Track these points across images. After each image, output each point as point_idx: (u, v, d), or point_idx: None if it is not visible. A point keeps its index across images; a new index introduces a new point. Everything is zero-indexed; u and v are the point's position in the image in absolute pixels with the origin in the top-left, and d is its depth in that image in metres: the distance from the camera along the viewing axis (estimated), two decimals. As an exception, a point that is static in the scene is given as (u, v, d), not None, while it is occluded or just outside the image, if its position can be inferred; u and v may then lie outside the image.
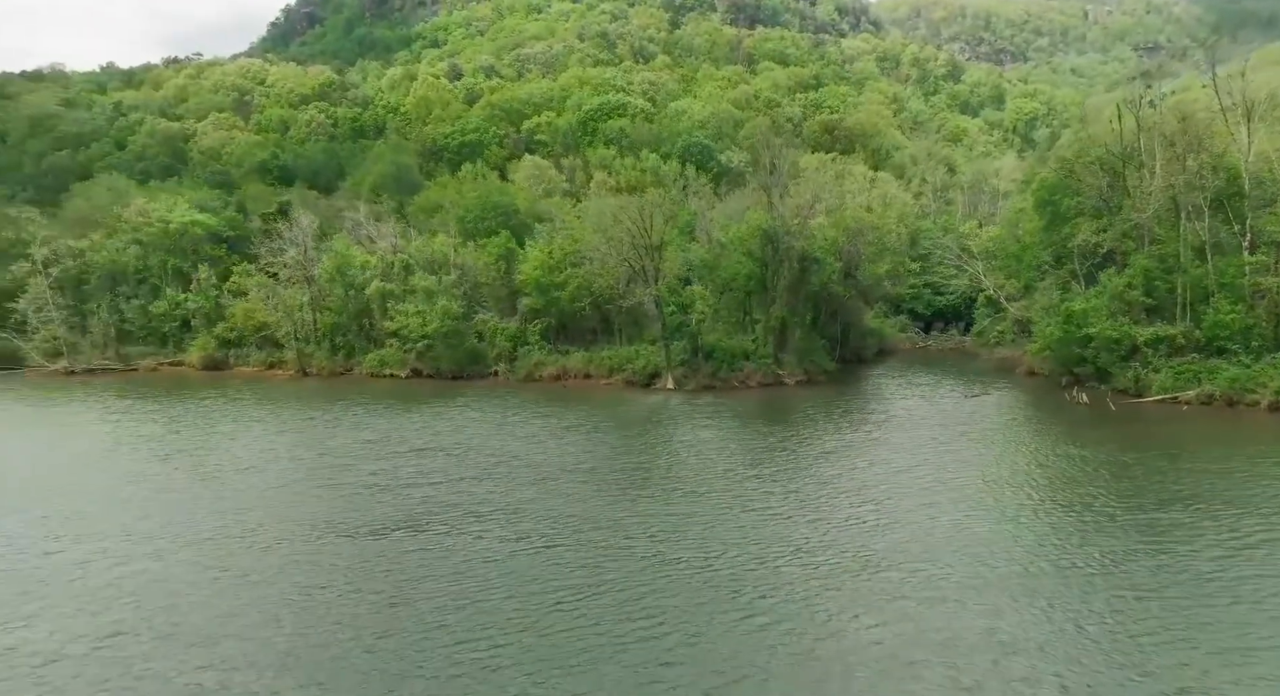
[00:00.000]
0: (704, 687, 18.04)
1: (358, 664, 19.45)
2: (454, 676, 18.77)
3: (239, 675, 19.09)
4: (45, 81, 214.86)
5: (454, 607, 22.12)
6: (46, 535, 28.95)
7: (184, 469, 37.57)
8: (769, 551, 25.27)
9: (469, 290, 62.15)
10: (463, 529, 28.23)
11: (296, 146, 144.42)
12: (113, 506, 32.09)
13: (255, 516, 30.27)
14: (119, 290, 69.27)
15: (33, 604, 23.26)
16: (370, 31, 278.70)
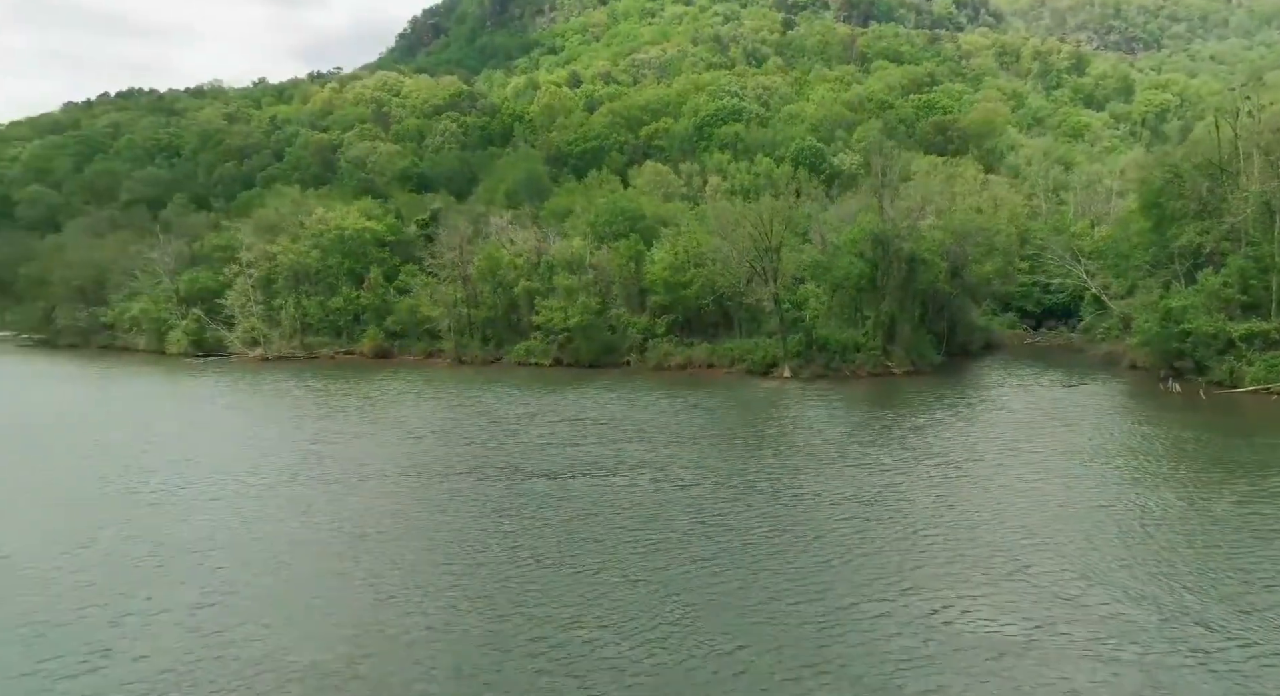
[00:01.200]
0: (820, 557, 25.10)
1: (565, 558, 27.42)
2: (655, 563, 26.46)
3: (467, 556, 27.39)
4: (207, 98, 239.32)
5: (628, 524, 29.92)
6: (324, 474, 38.53)
7: (393, 429, 47.15)
8: (864, 492, 32.05)
9: (603, 288, 70.50)
10: (620, 474, 36.15)
11: (432, 155, 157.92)
12: (353, 451, 41.62)
13: (460, 464, 39.10)
14: (302, 288, 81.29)
15: (320, 513, 32.49)
16: (491, 40, 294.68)
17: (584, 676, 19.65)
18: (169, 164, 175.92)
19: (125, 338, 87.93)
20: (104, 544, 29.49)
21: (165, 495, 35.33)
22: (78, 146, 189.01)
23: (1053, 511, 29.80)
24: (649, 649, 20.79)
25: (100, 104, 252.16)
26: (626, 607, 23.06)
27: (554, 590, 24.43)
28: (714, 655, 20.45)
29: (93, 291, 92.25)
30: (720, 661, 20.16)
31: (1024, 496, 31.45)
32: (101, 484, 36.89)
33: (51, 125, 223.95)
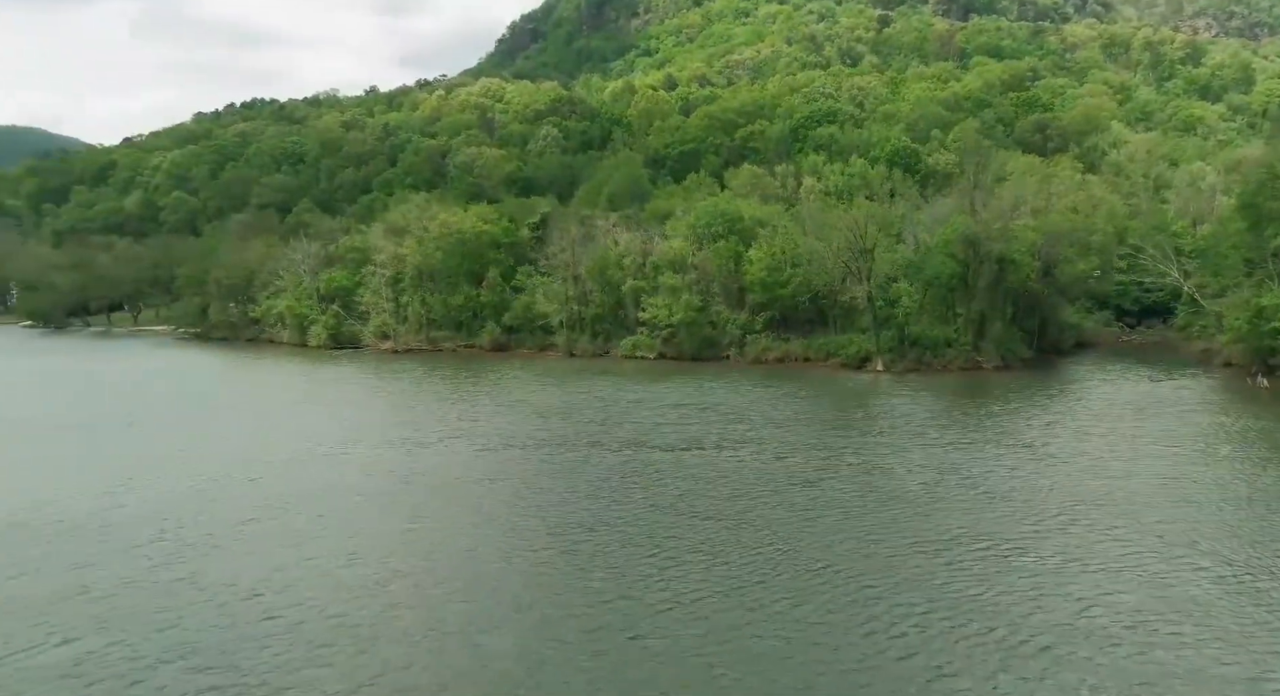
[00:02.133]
0: (894, 511, 30.03)
1: (681, 504, 33.07)
2: (754, 510, 31.92)
3: (604, 503, 33.29)
4: (324, 106, 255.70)
5: (733, 483, 35.42)
6: (473, 443, 45.43)
7: (522, 410, 53.89)
8: (937, 463, 36.67)
9: (705, 286, 76.04)
10: (724, 449, 41.70)
11: (536, 159, 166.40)
12: (491, 426, 48.46)
13: (585, 439, 45.34)
14: (427, 286, 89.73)
15: (479, 468, 39.17)
16: (587, 43, 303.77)
17: (703, 586, 25.17)
18: (294, 170, 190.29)
19: (271, 331, 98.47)
20: (343, 487, 36.69)
21: (360, 454, 42.69)
22: (212, 155, 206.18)
23: (1107, 480, 33.84)
24: (754, 565, 26.19)
25: (228, 114, 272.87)
26: (737, 542, 28.53)
27: (678, 528, 30.09)
28: (803, 573, 25.70)
29: (241, 289, 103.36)
30: (806, 579, 25.34)
31: (1084, 470, 35.51)
32: (312, 447, 44.54)
33: (187, 135, 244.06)
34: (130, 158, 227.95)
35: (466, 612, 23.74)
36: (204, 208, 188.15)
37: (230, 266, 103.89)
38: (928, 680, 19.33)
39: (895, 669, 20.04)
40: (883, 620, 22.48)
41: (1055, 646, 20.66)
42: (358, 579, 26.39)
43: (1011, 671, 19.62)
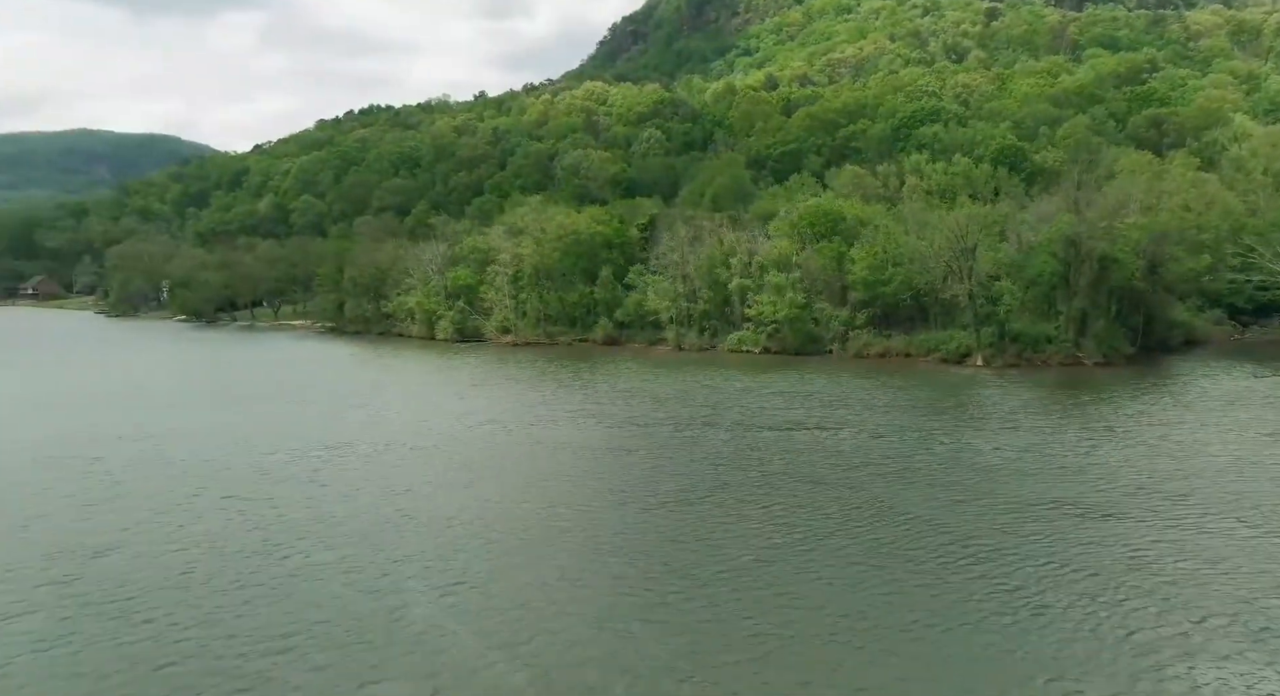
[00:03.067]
0: (979, 480, 34.27)
1: (789, 470, 38.05)
2: (854, 478, 36.76)
3: (722, 469, 38.59)
4: (435, 111, 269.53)
5: (834, 457, 40.21)
6: (599, 420, 51.53)
7: (638, 396, 59.82)
8: (1023, 445, 40.45)
9: (809, 284, 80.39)
10: (825, 430, 46.38)
11: (640, 160, 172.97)
12: (614, 407, 54.43)
13: (699, 419, 50.79)
14: (544, 283, 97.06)
15: (607, 441, 45.09)
16: (687, 44, 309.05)
17: (810, 530, 30.13)
18: (411, 174, 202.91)
19: (401, 326, 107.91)
20: (510, 451, 43.36)
21: (512, 427, 49.42)
22: (336, 161, 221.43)
23: (1180, 462, 37.12)
24: (854, 518, 30.98)
25: (347, 120, 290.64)
26: (838, 500, 33.37)
27: (785, 489, 35.09)
28: (898, 524, 30.34)
29: (373, 287, 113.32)
30: (901, 529, 29.92)
31: (1161, 451, 38.68)
32: (462, 422, 51.59)
33: (311, 142, 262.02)
34: (261, 164, 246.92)
35: (621, 542, 29.46)
36: (329, 210, 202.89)
37: (363, 266, 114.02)
38: (1029, 606, 23.84)
39: (970, 586, 24.59)
40: (959, 554, 26.99)
41: (1139, 579, 24.82)
42: (530, 512, 32.48)
43: (1102, 601, 23.81)
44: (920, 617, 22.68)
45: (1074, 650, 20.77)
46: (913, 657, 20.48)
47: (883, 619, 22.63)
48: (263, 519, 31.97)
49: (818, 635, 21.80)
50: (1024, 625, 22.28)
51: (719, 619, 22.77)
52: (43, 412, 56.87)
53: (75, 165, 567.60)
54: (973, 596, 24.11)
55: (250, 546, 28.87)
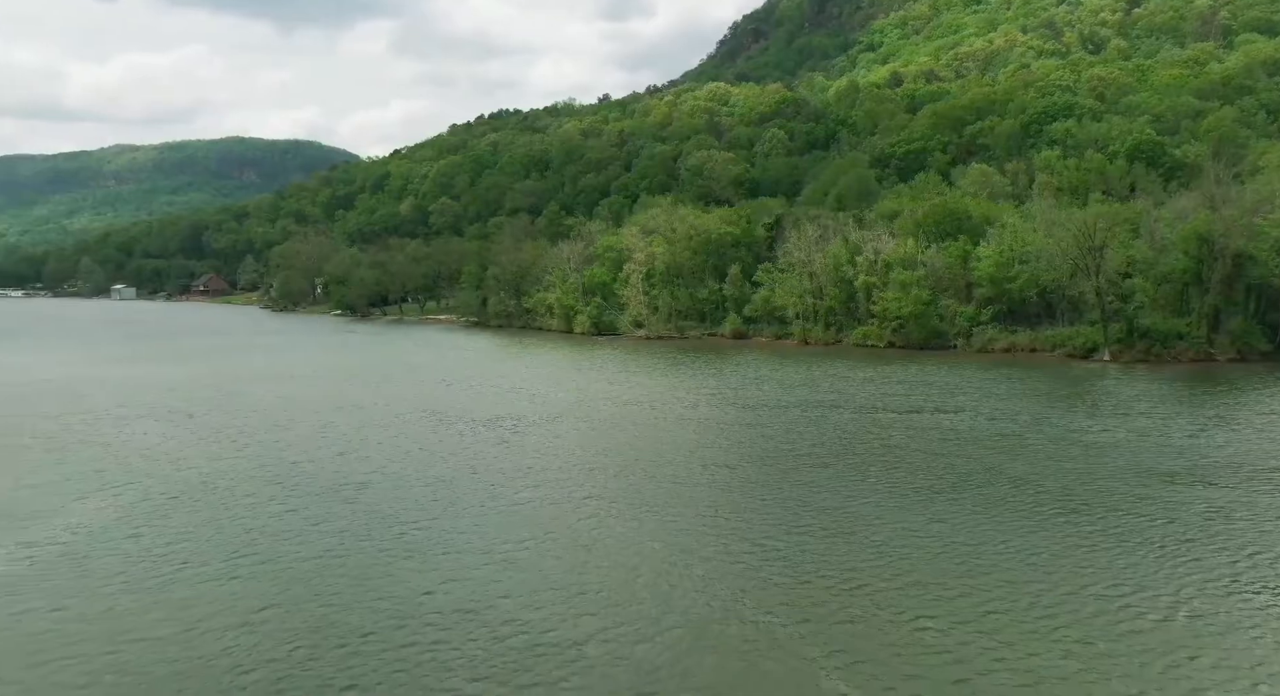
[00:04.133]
0: (1089, 455, 38.31)
1: (912, 443, 42.93)
2: (969, 451, 41.36)
3: (848, 442, 43.84)
4: (562, 115, 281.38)
5: (951, 435, 44.80)
6: (735, 403, 57.60)
7: (769, 383, 65.49)
8: (1136, 429, 43.85)
9: (933, 282, 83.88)
10: (944, 413, 50.70)
11: (763, 161, 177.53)
12: (746, 392, 60.35)
13: (826, 401, 56.02)
14: (676, 281, 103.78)
15: (742, 418, 51.02)
16: (809, 41, 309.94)
17: (926, 486, 35.11)
18: (541, 176, 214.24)
19: (540, 320, 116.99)
20: (663, 424, 50.17)
21: (655, 405, 56.16)
22: (471, 164, 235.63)
23: None
24: (970, 479, 35.70)
25: (478, 125, 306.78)
26: (954, 470, 38.08)
27: (904, 457, 40.02)
28: (1013, 486, 34.93)
29: (514, 283, 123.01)
30: (1010, 490, 34.48)
31: (1269, 437, 41.33)
32: (613, 402, 58.76)
33: (445, 146, 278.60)
34: (401, 168, 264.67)
35: (767, 489, 35.33)
36: (465, 211, 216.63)
37: (505, 264, 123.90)
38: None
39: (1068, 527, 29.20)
40: (1053, 506, 31.52)
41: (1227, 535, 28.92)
42: (689, 468, 38.80)
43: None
44: (1018, 544, 27.67)
45: (1138, 569, 25.34)
46: (1012, 574, 25.49)
47: (988, 548, 27.68)
48: (475, 468, 39.61)
49: (931, 556, 27.11)
50: (1097, 550, 26.98)
51: (850, 541, 28.38)
52: (328, 385, 67.60)
53: (228, 170, 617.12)
54: (1060, 531, 29.03)
55: (477, 486, 36.40)
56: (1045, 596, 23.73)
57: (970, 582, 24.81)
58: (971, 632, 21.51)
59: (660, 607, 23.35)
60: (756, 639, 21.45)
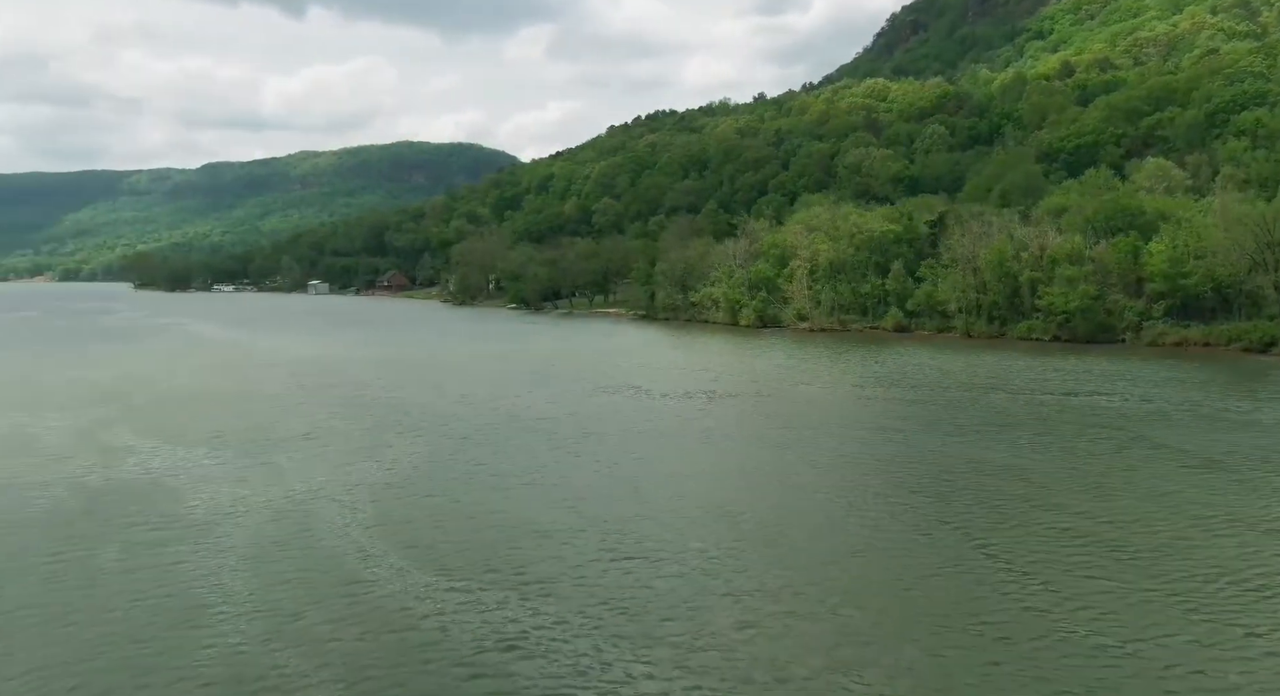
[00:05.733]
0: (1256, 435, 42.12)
1: (1061, 416, 47.69)
2: (1128, 429, 45.87)
3: (1004, 419, 48.98)
4: (717, 114, 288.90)
5: (1107, 414, 49.14)
6: (895, 383, 63.51)
7: (930, 370, 70.64)
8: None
9: (1101, 277, 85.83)
10: (1101, 396, 54.63)
11: (922, 157, 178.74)
12: (906, 376, 65.92)
13: (986, 384, 60.81)
14: (839, 276, 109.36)
15: (900, 401, 56.91)
16: (972, 31, 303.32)
17: (1082, 450, 40.18)
18: (699, 175, 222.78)
19: (707, 313, 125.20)
20: (828, 403, 57.16)
21: (827, 386, 62.97)
22: (631, 165, 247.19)
23: None
24: (1125, 451, 40.49)
25: (635, 126, 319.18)
26: (1108, 440, 42.76)
27: (1062, 428, 44.93)
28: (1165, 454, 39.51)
29: (680, 278, 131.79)
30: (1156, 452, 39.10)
31: None
32: (787, 380, 66.01)
33: (604, 147, 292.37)
34: (564, 169, 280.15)
35: (937, 447, 41.55)
36: (626, 210, 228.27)
37: (672, 260, 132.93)
38: None
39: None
40: (1197, 466, 36.13)
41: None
42: (865, 432, 45.52)
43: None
44: (1162, 488, 32.89)
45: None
46: (1159, 509, 30.95)
47: (1136, 492, 33.08)
48: (672, 429, 47.95)
49: (1081, 497, 32.86)
50: (1221, 491, 31.78)
51: (1025, 493, 34.41)
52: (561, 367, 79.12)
53: (399, 173, 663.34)
54: (1199, 481, 34.03)
55: (685, 444, 44.69)
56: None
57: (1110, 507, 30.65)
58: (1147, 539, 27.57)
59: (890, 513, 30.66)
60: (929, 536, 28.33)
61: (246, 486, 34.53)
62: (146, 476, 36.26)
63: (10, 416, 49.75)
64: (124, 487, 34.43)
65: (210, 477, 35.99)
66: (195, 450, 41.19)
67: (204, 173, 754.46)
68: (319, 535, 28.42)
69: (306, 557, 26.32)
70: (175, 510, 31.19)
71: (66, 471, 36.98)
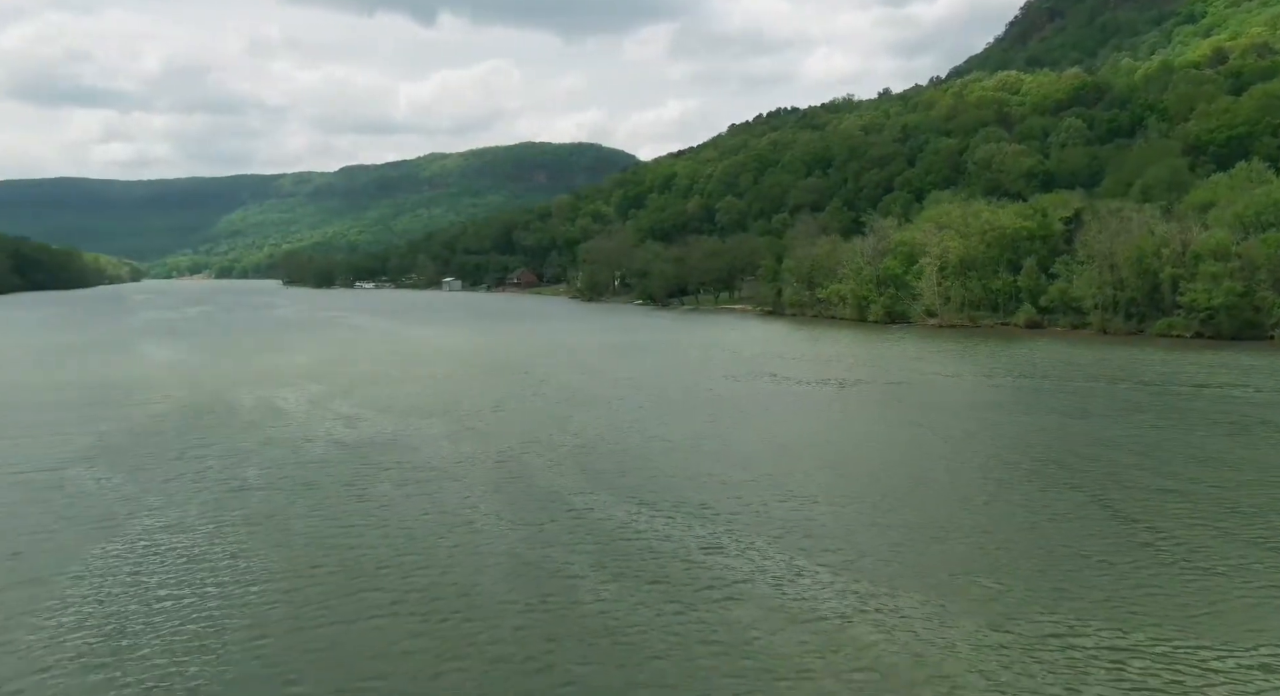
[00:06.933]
0: None
1: (1190, 406, 50.21)
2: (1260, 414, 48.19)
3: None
4: (840, 111, 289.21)
5: (1225, 401, 51.25)
6: (1023, 375, 66.63)
7: (1062, 364, 72.98)
8: None
9: (1249, 273, 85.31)
10: (1235, 387, 56.34)
11: (1057, 151, 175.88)
12: (1053, 369, 68.72)
13: (1125, 378, 63.17)
14: (969, 273, 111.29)
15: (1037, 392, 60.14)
16: (1114, 17, 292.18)
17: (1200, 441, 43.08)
18: (823, 173, 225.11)
19: (834, 309, 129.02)
20: (961, 391, 61.25)
21: (959, 377, 66.79)
22: (754, 163, 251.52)
23: None
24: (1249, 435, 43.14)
25: (756, 124, 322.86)
26: (1241, 419, 45.35)
27: (1197, 413, 47.69)
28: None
29: (807, 275, 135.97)
30: None
31: None
32: (919, 371, 70.13)
33: (726, 147, 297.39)
34: (687, 168, 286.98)
35: (1063, 424, 45.35)
36: (749, 208, 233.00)
37: (800, 257, 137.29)
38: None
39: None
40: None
41: None
42: (997, 415, 49.60)
43: None
44: None
45: None
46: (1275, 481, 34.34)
47: (1251, 467, 36.38)
48: (812, 407, 53.30)
49: (1194, 468, 36.43)
50: None
51: (1138, 463, 38.20)
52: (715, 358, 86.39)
53: (521, 173, 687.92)
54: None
55: (825, 419, 50.06)
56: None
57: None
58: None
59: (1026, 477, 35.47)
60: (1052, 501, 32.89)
61: (464, 444, 42.35)
62: (380, 436, 44.66)
63: (251, 391, 60.02)
64: (367, 443, 42.84)
65: (431, 438, 44.05)
66: (408, 418, 49.61)
67: (341, 175, 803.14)
68: (536, 478, 35.64)
69: (533, 491, 33.51)
70: (416, 460, 39.12)
71: (319, 431, 45.88)
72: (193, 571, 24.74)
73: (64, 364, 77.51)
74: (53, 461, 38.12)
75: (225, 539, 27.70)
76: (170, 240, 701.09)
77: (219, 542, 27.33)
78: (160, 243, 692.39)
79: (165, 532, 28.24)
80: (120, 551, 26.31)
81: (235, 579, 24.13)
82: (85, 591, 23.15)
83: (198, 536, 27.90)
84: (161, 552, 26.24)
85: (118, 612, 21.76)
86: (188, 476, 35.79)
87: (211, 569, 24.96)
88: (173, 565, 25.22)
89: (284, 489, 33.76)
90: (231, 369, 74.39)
